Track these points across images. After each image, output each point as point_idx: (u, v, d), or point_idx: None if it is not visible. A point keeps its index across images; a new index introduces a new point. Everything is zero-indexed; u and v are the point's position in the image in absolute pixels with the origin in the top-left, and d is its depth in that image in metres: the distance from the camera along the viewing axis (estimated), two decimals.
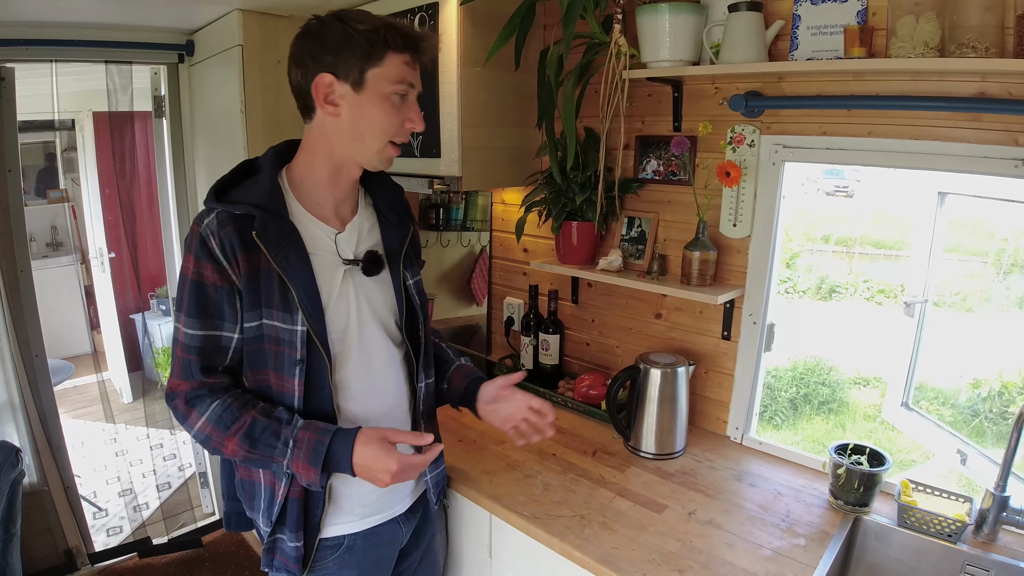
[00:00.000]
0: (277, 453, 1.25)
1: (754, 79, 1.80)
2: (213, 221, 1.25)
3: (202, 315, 1.27)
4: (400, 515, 1.52)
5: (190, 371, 1.28)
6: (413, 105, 1.32)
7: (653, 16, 1.72)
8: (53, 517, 2.84)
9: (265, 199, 1.28)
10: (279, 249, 1.26)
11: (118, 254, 5.18)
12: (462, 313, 2.80)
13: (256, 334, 1.29)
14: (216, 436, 1.27)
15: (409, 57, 1.27)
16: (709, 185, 1.90)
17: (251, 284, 1.26)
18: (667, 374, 1.87)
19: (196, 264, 1.25)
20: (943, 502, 1.57)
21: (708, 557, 1.45)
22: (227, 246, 1.24)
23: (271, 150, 1.38)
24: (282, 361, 1.29)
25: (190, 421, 1.28)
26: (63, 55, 2.62)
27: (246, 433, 1.25)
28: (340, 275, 1.36)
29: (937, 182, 2.04)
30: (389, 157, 1.34)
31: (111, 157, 4.83)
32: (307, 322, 1.28)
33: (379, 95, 1.27)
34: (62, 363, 3.99)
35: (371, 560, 1.47)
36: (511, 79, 2.09)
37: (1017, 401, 3.12)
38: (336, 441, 1.24)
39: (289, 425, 1.26)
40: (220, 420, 1.26)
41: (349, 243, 1.39)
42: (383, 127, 1.29)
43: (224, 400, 1.28)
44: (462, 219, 2.73)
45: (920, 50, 1.39)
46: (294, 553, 1.36)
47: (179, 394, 1.29)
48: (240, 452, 1.26)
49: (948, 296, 2.63)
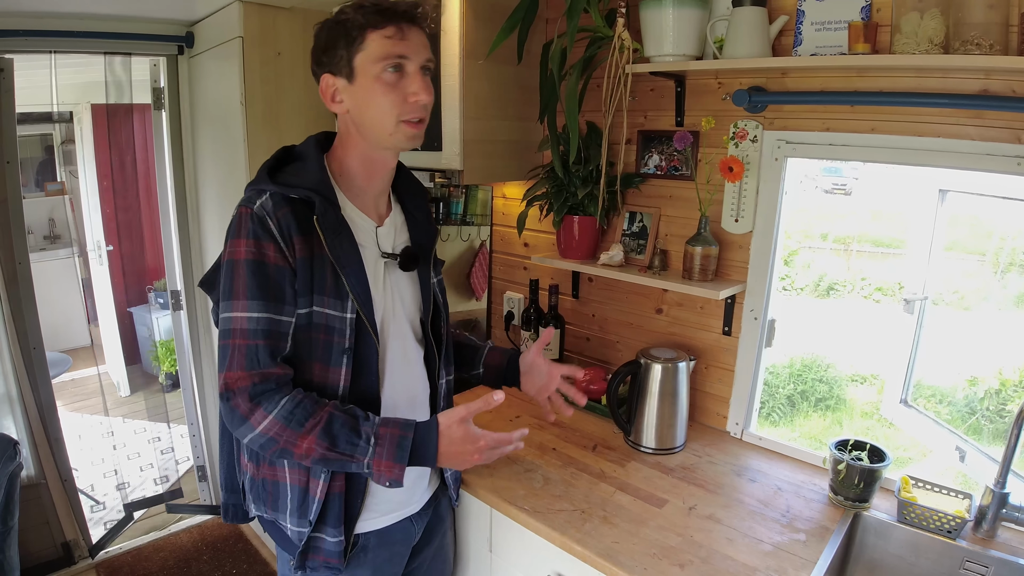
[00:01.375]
0: (359, 451, 1.21)
1: (757, 74, 1.80)
2: (268, 202, 1.23)
3: (264, 297, 1.21)
4: (414, 513, 1.51)
5: (255, 359, 1.20)
6: (414, 77, 1.25)
7: (656, 10, 1.72)
8: (51, 510, 2.84)
9: (320, 185, 1.26)
10: (335, 237, 1.26)
11: (116, 247, 5.17)
12: (461, 308, 2.79)
13: (305, 322, 1.26)
14: (286, 435, 1.19)
15: (392, 30, 1.22)
16: (711, 180, 1.90)
17: (305, 269, 1.24)
18: (668, 369, 1.87)
19: (255, 244, 1.20)
20: (943, 498, 1.57)
21: (708, 551, 1.45)
22: (284, 228, 1.22)
23: (311, 139, 1.36)
24: (330, 350, 1.27)
25: (252, 421, 1.19)
26: (62, 46, 2.60)
27: (324, 430, 1.19)
28: (381, 268, 1.37)
29: (937, 179, 2.04)
30: (407, 136, 1.28)
31: (109, 150, 4.82)
32: (359, 307, 1.28)
33: (370, 78, 1.24)
34: (60, 356, 3.98)
35: (385, 558, 1.46)
36: (513, 72, 2.09)
37: (1014, 399, 3.13)
38: (420, 432, 1.24)
39: (368, 421, 1.23)
40: (291, 417, 1.19)
41: (387, 237, 1.40)
42: (383, 109, 1.25)
43: (294, 396, 1.21)
44: (462, 213, 2.72)
45: (924, 47, 1.39)
46: (336, 548, 1.34)
47: (239, 391, 1.19)
48: (317, 451, 1.20)
49: (947, 294, 2.63)
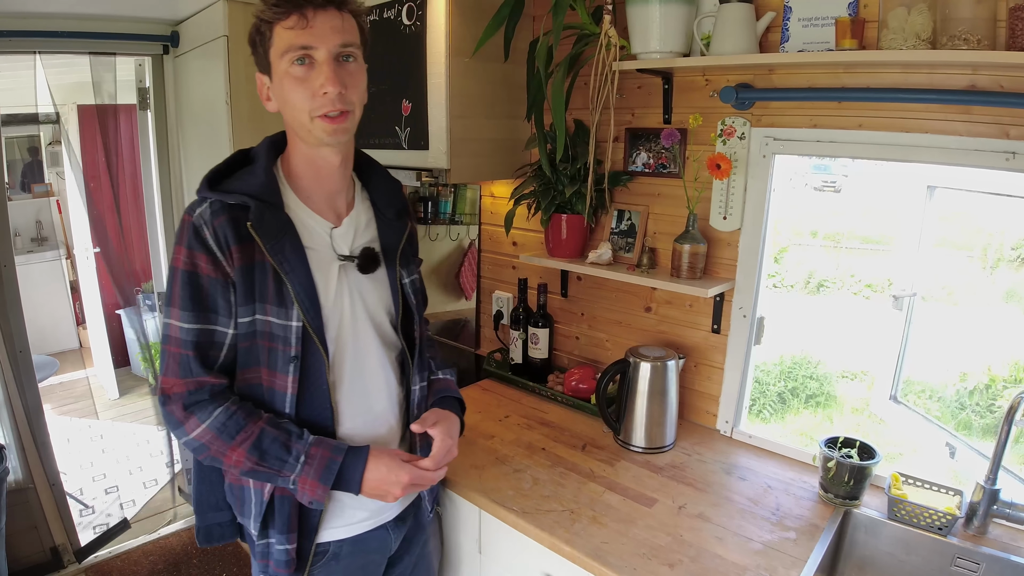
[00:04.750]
0: (286, 468, 1.20)
1: (745, 71, 1.79)
2: (206, 211, 1.21)
3: (196, 307, 1.20)
4: (389, 522, 1.47)
5: (188, 367, 1.21)
6: (320, 68, 1.19)
7: (643, 7, 1.71)
8: (39, 514, 2.81)
9: (260, 189, 1.23)
10: (274, 241, 1.22)
11: (104, 249, 5.13)
12: (450, 307, 2.78)
13: (249, 330, 1.24)
14: (216, 445, 1.20)
15: (294, 19, 1.16)
16: (699, 178, 1.89)
17: (245, 277, 1.21)
18: (657, 368, 1.86)
19: (189, 255, 1.20)
20: (933, 495, 1.57)
21: (698, 551, 1.44)
22: (221, 237, 1.19)
23: (266, 140, 1.33)
24: (276, 358, 1.25)
25: (186, 428, 1.21)
26: (46, 46, 2.58)
27: (254, 444, 1.20)
28: (335, 271, 1.32)
29: (926, 176, 2.04)
30: (326, 132, 1.22)
31: (96, 151, 4.78)
32: (303, 317, 1.23)
33: (280, 74, 1.20)
34: (47, 359, 3.95)
35: (358, 566, 1.43)
36: (500, 70, 2.07)
37: (1003, 395, 3.14)
38: (349, 458, 1.21)
39: (301, 440, 1.21)
40: (223, 428, 1.20)
41: (345, 238, 1.34)
42: (295, 105, 1.21)
43: (228, 407, 1.21)
44: (450, 212, 2.71)
45: (912, 42, 1.38)
46: (284, 557, 1.30)
47: (174, 397, 1.22)
48: (246, 464, 1.20)
49: (935, 290, 2.64)
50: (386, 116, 2.18)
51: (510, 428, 2.02)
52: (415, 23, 1.99)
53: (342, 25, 1.20)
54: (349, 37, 1.21)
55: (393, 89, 2.13)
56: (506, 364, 2.42)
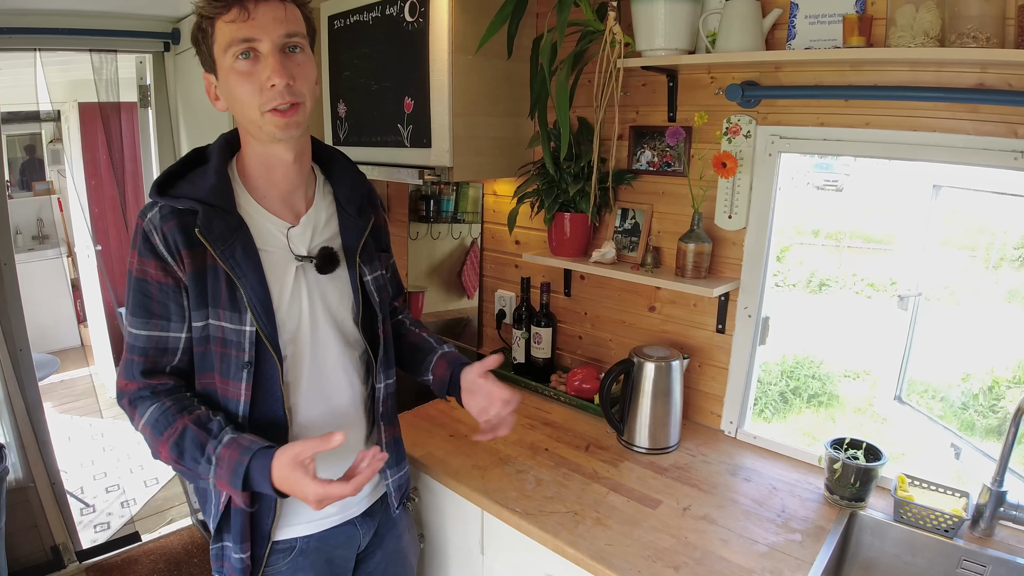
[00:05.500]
0: (201, 469, 1.17)
1: (750, 68, 1.78)
2: (156, 215, 1.18)
3: (146, 314, 1.20)
4: (356, 517, 1.44)
5: (132, 372, 1.22)
6: (266, 61, 1.14)
7: (648, 4, 1.70)
8: (39, 513, 2.80)
9: (210, 193, 1.19)
10: (225, 246, 1.18)
11: (105, 246, 5.13)
12: (453, 306, 2.77)
13: (202, 335, 1.22)
14: (151, 440, 1.20)
15: (234, 12, 1.11)
16: (704, 176, 1.87)
17: (197, 282, 1.19)
18: (661, 368, 1.85)
19: (139, 261, 1.19)
20: (939, 497, 1.56)
21: (703, 553, 1.43)
22: (171, 242, 1.17)
23: (221, 138, 1.29)
24: (228, 364, 1.22)
25: (134, 422, 1.23)
26: (47, 43, 2.57)
27: (175, 442, 1.18)
28: (292, 272, 1.28)
29: (931, 175, 2.03)
30: (277, 127, 1.18)
31: (97, 148, 4.78)
32: (256, 323, 1.20)
33: (225, 70, 1.16)
34: (47, 357, 3.94)
35: (325, 561, 1.40)
36: (503, 67, 2.06)
37: (1008, 395, 3.12)
38: (255, 462, 1.14)
39: (215, 439, 1.17)
40: (156, 424, 1.19)
41: (302, 238, 1.30)
42: (243, 101, 1.16)
43: (163, 403, 1.20)
44: (453, 211, 2.70)
45: (920, 39, 1.37)
46: (239, 564, 1.28)
47: (123, 394, 1.24)
48: (170, 461, 1.20)
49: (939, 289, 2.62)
50: (388, 114, 2.16)
51: (513, 428, 2.00)
52: (417, 20, 1.98)
53: (285, 15, 1.15)
54: (293, 27, 1.17)
55: (395, 86, 2.11)
56: (509, 364, 2.41)
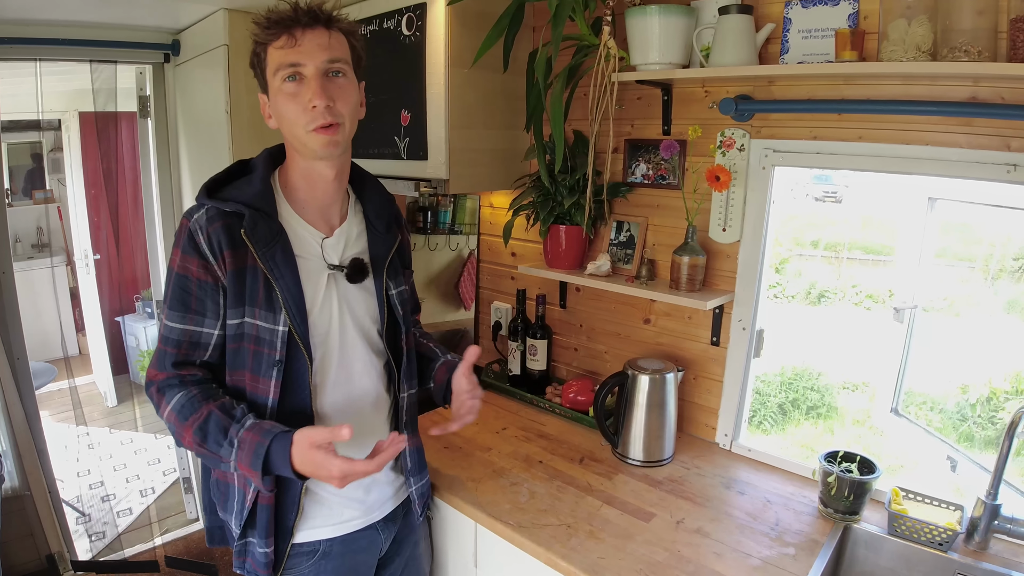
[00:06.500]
0: (223, 452, 1.22)
1: (744, 82, 1.79)
2: (203, 216, 1.26)
3: (183, 308, 1.27)
4: (378, 521, 1.49)
5: (164, 363, 1.29)
6: (309, 84, 1.24)
7: (642, 18, 1.71)
8: (35, 522, 2.79)
9: (256, 198, 1.29)
10: (267, 248, 1.27)
11: (104, 255, 5.14)
12: (449, 317, 2.77)
13: (237, 332, 1.29)
14: (176, 426, 1.26)
15: (283, 39, 1.23)
16: (698, 189, 1.88)
17: (236, 281, 1.26)
18: (655, 380, 1.85)
19: (182, 258, 1.26)
20: (934, 510, 1.55)
21: (696, 567, 1.43)
22: (214, 242, 1.25)
23: (265, 151, 1.39)
24: (260, 361, 1.29)
25: (160, 409, 1.28)
26: (47, 54, 2.59)
27: (200, 426, 1.23)
28: (324, 279, 1.36)
29: (927, 187, 2.03)
30: (321, 144, 1.27)
31: (97, 158, 4.80)
32: (290, 322, 1.27)
33: (275, 92, 1.27)
34: (44, 366, 3.94)
35: (348, 566, 1.45)
36: (499, 81, 2.07)
37: (1006, 406, 3.12)
38: (275, 444, 1.19)
39: (238, 423, 1.23)
40: (182, 411, 1.25)
41: (335, 248, 1.39)
42: (289, 119, 1.27)
43: (189, 391, 1.27)
44: (450, 222, 2.70)
45: (912, 54, 1.38)
46: (263, 559, 1.34)
47: (153, 383, 1.30)
48: (194, 446, 1.25)
49: (936, 301, 2.63)
50: (385, 126, 2.17)
51: (507, 440, 2.00)
52: (415, 33, 1.99)
53: (329, 42, 1.25)
54: (337, 53, 1.27)
55: (392, 99, 2.12)
56: (504, 375, 2.41)
